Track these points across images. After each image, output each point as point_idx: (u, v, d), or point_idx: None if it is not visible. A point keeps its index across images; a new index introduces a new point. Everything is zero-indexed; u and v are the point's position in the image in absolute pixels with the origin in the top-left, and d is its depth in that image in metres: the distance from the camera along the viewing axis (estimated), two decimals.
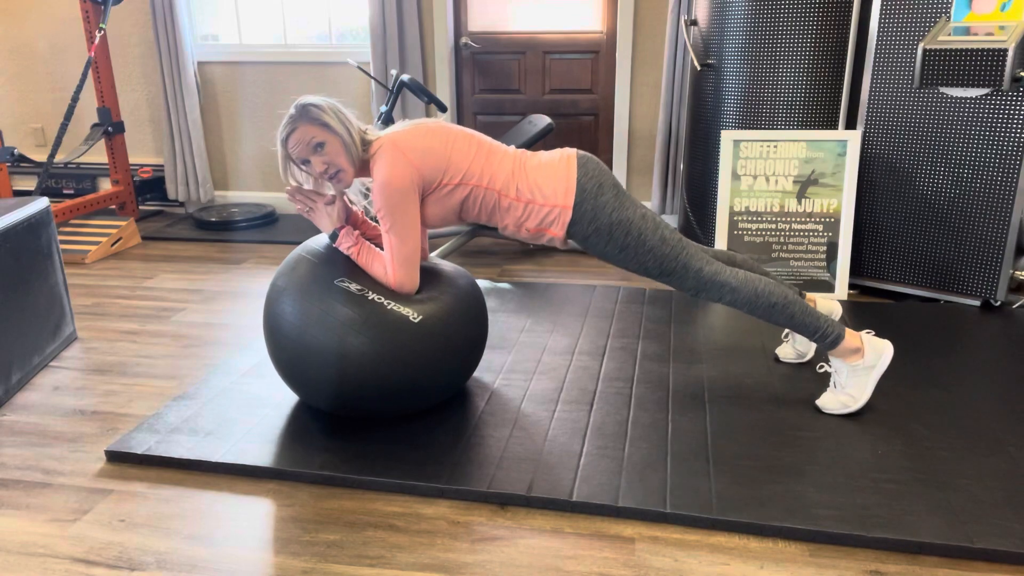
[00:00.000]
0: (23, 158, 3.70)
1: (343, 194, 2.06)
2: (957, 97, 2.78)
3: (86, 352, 2.62)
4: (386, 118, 3.66)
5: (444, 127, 2.00)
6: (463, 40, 4.23)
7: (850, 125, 3.10)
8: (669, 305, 2.93)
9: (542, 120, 3.62)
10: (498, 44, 4.23)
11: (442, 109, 3.54)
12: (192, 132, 4.43)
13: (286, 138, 1.93)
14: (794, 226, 3.10)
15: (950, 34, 2.67)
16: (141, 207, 4.70)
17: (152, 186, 4.59)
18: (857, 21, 2.97)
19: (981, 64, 2.60)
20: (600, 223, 1.96)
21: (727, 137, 3.11)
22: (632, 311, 2.88)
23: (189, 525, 1.70)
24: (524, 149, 2.08)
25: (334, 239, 2.03)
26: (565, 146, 4.33)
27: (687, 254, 1.99)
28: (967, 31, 2.66)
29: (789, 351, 2.42)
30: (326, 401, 2.01)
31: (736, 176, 3.13)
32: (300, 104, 1.92)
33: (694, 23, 3.45)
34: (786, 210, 3.10)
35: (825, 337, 2.03)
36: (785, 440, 1.96)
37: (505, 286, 3.16)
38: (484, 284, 3.21)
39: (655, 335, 2.65)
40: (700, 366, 2.40)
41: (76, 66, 4.57)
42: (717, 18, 3.23)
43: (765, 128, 3.17)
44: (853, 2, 2.95)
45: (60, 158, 4.23)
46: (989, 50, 2.57)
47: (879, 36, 2.89)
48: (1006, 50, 2.54)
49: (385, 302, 1.94)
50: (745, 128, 3.21)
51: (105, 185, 4.66)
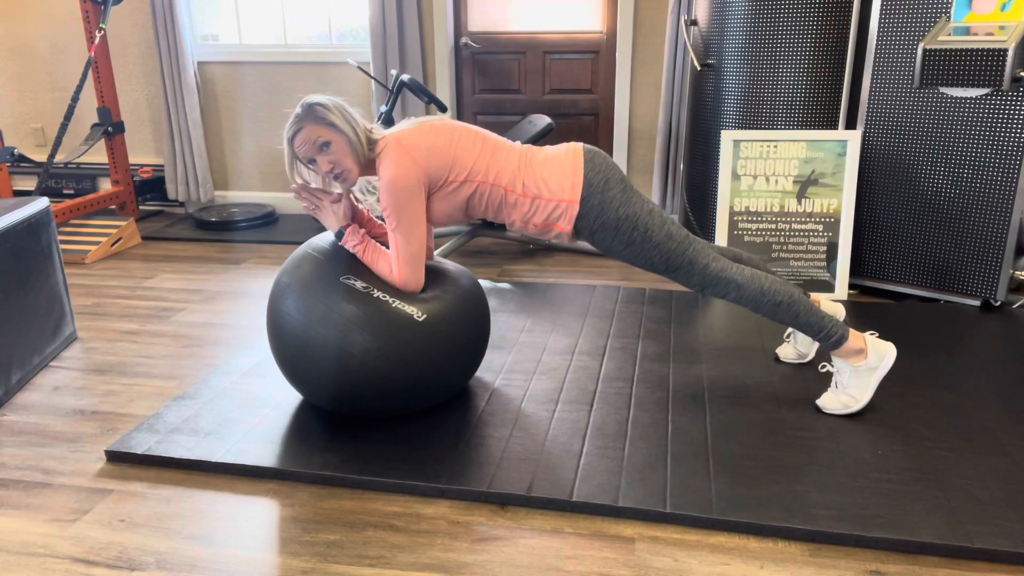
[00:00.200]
0: (23, 158, 3.70)
1: (349, 192, 2.06)
2: (957, 97, 2.78)
3: (86, 352, 2.62)
4: (386, 118, 3.66)
5: (449, 124, 2.00)
6: (463, 40, 4.23)
7: (850, 125, 3.10)
8: (669, 305, 2.93)
9: (542, 120, 3.62)
10: (498, 44, 4.23)
11: (442, 109, 3.54)
12: (192, 132, 4.43)
13: (292, 137, 1.93)
14: (794, 226, 3.10)
15: (950, 34, 2.67)
16: (141, 207, 4.70)
17: (152, 186, 4.59)
18: (857, 21, 2.97)
19: (981, 64, 2.60)
20: (607, 218, 1.95)
21: (727, 137, 3.11)
22: (632, 311, 2.88)
23: (189, 525, 1.70)
24: (530, 145, 2.08)
25: (340, 237, 2.03)
26: None
27: (693, 250, 1.99)
28: (967, 31, 2.66)
29: (790, 351, 2.42)
30: (328, 399, 2.01)
31: (736, 176, 3.13)
32: (306, 103, 1.91)
33: (694, 23, 3.45)
34: (786, 210, 3.10)
35: (829, 337, 2.02)
36: (785, 440, 1.96)
37: (505, 286, 3.16)
38: (484, 284, 3.21)
39: (655, 335, 2.65)
40: (700, 366, 2.40)
41: (76, 66, 4.57)
42: (717, 18, 3.23)
43: (765, 128, 3.17)
44: (853, 2, 2.95)
45: (60, 158, 4.23)
46: (989, 50, 2.57)
47: (879, 36, 2.89)
48: (1006, 50, 2.54)
49: (390, 300, 1.94)
50: (745, 128, 3.21)
51: (105, 185, 4.66)
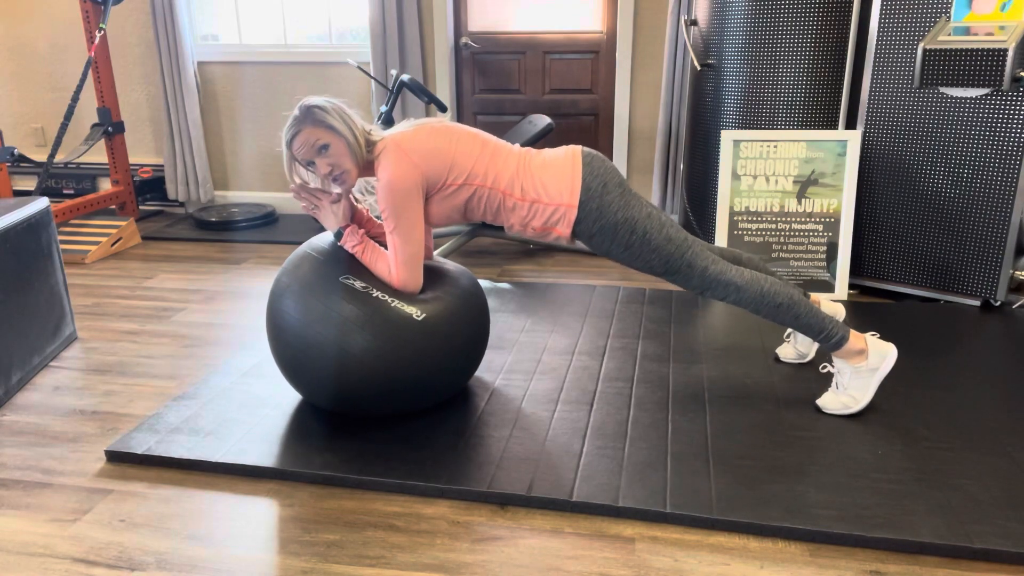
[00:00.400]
0: (23, 158, 3.70)
1: (349, 192, 2.06)
2: (957, 97, 2.78)
3: (86, 352, 2.62)
4: (386, 118, 3.66)
5: (448, 127, 2.00)
6: (463, 40, 4.23)
7: (850, 125, 3.09)
8: (669, 305, 2.93)
9: (542, 120, 3.62)
10: (498, 44, 4.23)
11: (442, 109, 3.54)
12: (192, 132, 4.43)
13: (291, 140, 1.93)
14: (794, 226, 3.10)
15: (950, 34, 2.67)
16: (141, 207, 4.70)
17: (152, 186, 4.59)
18: (857, 21, 2.97)
19: (981, 64, 2.60)
20: (605, 222, 1.95)
21: (727, 137, 3.11)
22: (632, 311, 2.88)
23: (189, 525, 1.70)
24: (529, 147, 2.07)
25: (339, 237, 2.03)
26: (564, 144, 4.33)
27: (692, 253, 1.99)
28: (967, 31, 2.66)
29: (790, 351, 2.42)
30: (328, 399, 2.01)
31: (736, 176, 3.13)
32: (304, 106, 1.91)
33: (694, 23, 3.45)
34: (786, 210, 3.10)
35: (830, 338, 2.02)
36: (785, 440, 1.96)
37: (505, 286, 3.16)
38: (484, 284, 3.21)
39: (655, 335, 2.65)
40: (700, 366, 2.40)
41: (76, 66, 4.57)
42: (717, 18, 3.23)
43: (765, 128, 3.17)
44: (853, 2, 2.95)
45: (60, 158, 4.23)
46: (989, 50, 2.57)
47: (879, 36, 2.89)
48: (1006, 50, 2.54)
49: (389, 300, 1.94)
50: (745, 128, 3.21)
51: (105, 185, 4.66)
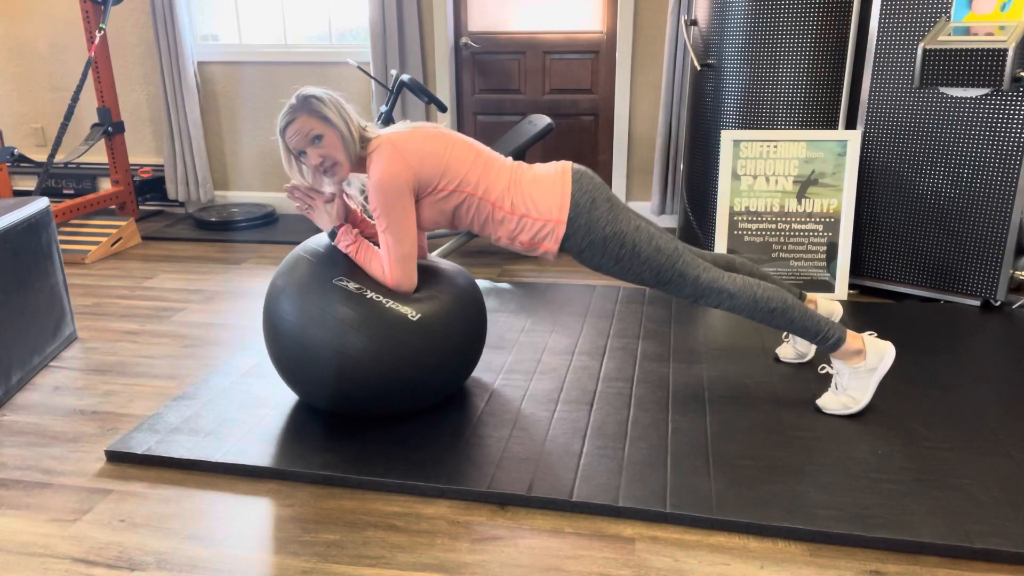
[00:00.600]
0: (23, 158, 3.70)
1: (342, 192, 2.06)
2: (957, 97, 2.78)
3: (86, 352, 2.62)
4: (386, 118, 3.66)
5: (445, 133, 2.00)
6: (463, 40, 4.23)
7: (850, 125, 3.09)
8: (669, 305, 2.93)
9: (542, 120, 3.62)
10: (498, 44, 4.23)
11: (442, 109, 3.54)
12: (192, 132, 4.43)
13: (284, 127, 1.92)
14: (794, 226, 3.10)
15: (950, 34, 2.67)
16: (141, 207, 4.70)
17: (152, 186, 4.59)
18: (857, 21, 2.97)
19: (981, 64, 2.60)
20: (594, 237, 1.96)
21: (727, 137, 3.11)
22: (632, 311, 2.88)
23: (189, 525, 1.70)
24: (521, 161, 2.08)
25: (333, 237, 2.03)
26: (565, 145, 4.34)
27: (683, 262, 1.99)
28: (967, 31, 2.66)
29: (789, 351, 2.42)
30: (326, 400, 2.01)
31: (736, 176, 3.13)
32: (301, 95, 1.91)
33: (694, 23, 3.45)
34: (786, 210, 3.10)
35: (826, 340, 2.02)
36: (785, 440, 1.96)
37: (505, 286, 3.16)
38: (484, 284, 3.21)
39: (655, 335, 2.65)
40: (700, 366, 2.40)
41: (76, 66, 4.57)
42: (717, 18, 3.23)
43: (765, 128, 3.17)
44: (853, 2, 2.95)
45: (60, 158, 4.23)
46: (989, 50, 2.57)
47: (879, 36, 2.89)
48: (1006, 50, 2.54)
49: (383, 300, 1.94)
50: (745, 128, 3.21)
51: (105, 185, 4.66)
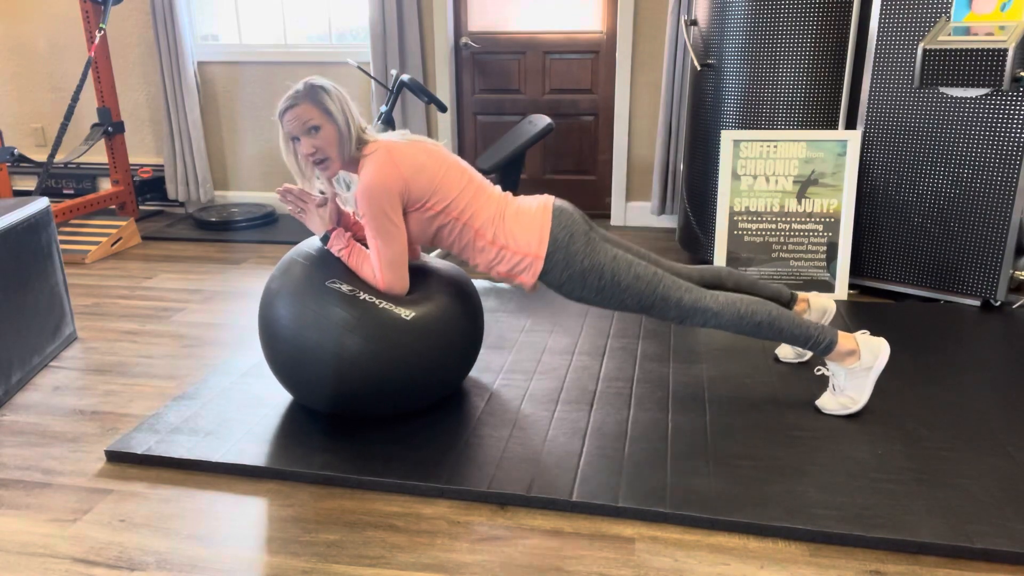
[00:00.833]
0: (23, 158, 3.70)
1: (335, 196, 2.06)
2: (957, 97, 2.78)
3: (86, 352, 2.62)
4: (386, 118, 3.66)
5: (442, 152, 2.02)
6: (463, 40, 4.23)
7: (850, 125, 3.09)
8: None
9: (542, 120, 3.62)
10: (498, 44, 4.23)
11: (442, 109, 3.54)
12: (192, 132, 4.43)
13: (284, 111, 1.92)
14: (794, 226, 3.10)
15: (950, 34, 2.67)
16: (141, 207, 4.70)
17: (152, 186, 4.59)
18: (857, 21, 2.97)
19: (981, 64, 2.60)
20: (573, 270, 1.97)
21: (727, 137, 3.11)
22: None
23: (189, 525, 1.70)
24: (508, 192, 2.09)
25: (325, 241, 2.03)
26: (565, 145, 4.34)
27: (664, 286, 1.99)
28: (967, 31, 2.66)
29: (789, 351, 2.42)
30: (323, 402, 2.01)
31: (736, 176, 3.13)
32: (309, 83, 1.92)
33: (694, 23, 3.45)
34: (786, 210, 3.10)
35: (818, 344, 2.03)
36: (785, 440, 1.96)
37: (505, 286, 3.16)
38: (484, 284, 3.21)
39: (655, 335, 2.65)
40: (700, 366, 2.40)
41: (76, 66, 4.57)
42: (717, 18, 3.23)
43: (765, 128, 3.17)
44: (853, 2, 2.95)
45: (60, 158, 4.23)
46: (989, 50, 2.57)
47: (879, 36, 2.89)
48: (1006, 50, 2.54)
49: (377, 302, 1.95)
50: (745, 128, 3.21)
51: (105, 185, 4.66)
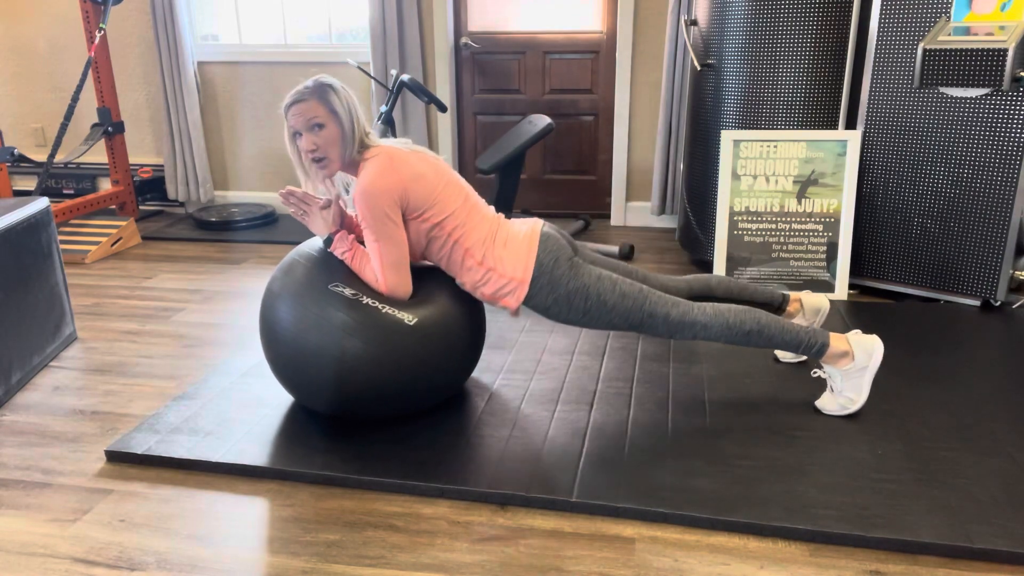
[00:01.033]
0: (23, 158, 3.70)
1: (338, 198, 2.06)
2: (957, 97, 2.78)
3: (86, 352, 2.62)
4: (386, 118, 3.66)
5: (443, 166, 2.03)
6: (463, 40, 4.23)
7: (850, 125, 3.10)
8: None
9: (542, 120, 3.62)
10: (498, 44, 4.23)
11: (442, 109, 3.54)
12: (192, 132, 4.43)
13: (290, 105, 1.92)
14: (794, 226, 3.10)
15: (950, 34, 2.67)
16: (141, 207, 4.70)
17: (152, 186, 4.59)
18: (857, 21, 2.97)
19: (981, 64, 2.60)
20: (559, 294, 1.98)
21: (727, 137, 3.11)
22: None
23: (189, 525, 1.70)
24: (501, 214, 2.10)
25: (328, 244, 2.02)
26: (565, 145, 4.34)
27: (650, 303, 2.00)
28: (967, 31, 2.66)
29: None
30: (324, 404, 2.01)
31: (736, 176, 3.13)
32: (319, 81, 1.92)
33: (694, 23, 3.45)
34: (786, 210, 3.10)
35: (809, 349, 2.03)
36: (785, 440, 1.96)
37: None
38: None
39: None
40: (700, 366, 2.40)
41: (76, 66, 4.57)
42: (717, 18, 3.23)
43: (765, 128, 3.17)
44: (853, 2, 2.95)
45: (60, 158, 4.23)
46: (989, 50, 2.57)
47: (879, 36, 2.89)
48: (1006, 50, 2.54)
49: (379, 306, 1.94)
50: (745, 128, 3.21)
51: (105, 185, 4.66)
